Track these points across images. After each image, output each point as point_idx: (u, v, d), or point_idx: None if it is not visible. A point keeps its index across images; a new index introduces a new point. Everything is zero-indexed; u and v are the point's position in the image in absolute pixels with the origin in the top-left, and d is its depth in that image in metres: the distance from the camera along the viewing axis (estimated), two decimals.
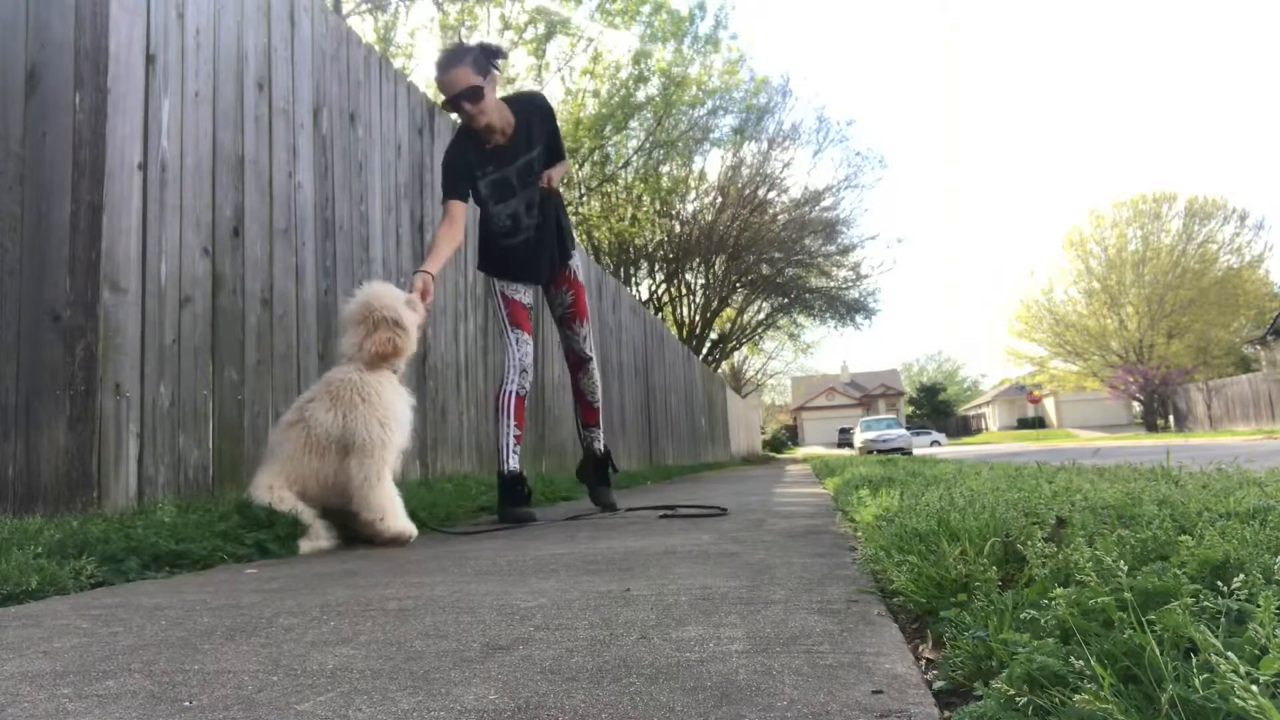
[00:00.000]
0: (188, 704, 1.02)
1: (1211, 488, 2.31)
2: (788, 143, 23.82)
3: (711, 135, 22.17)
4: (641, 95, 19.68)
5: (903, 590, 1.41)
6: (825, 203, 25.16)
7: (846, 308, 28.02)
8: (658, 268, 24.51)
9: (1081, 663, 0.82)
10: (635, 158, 20.79)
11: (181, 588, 2.03)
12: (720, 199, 23.68)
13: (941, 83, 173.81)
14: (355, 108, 4.44)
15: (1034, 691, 0.82)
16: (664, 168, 21.93)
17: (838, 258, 26.72)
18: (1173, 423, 39.10)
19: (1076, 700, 0.76)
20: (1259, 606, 0.82)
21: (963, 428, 68.83)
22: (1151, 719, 0.75)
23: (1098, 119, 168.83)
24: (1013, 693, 0.82)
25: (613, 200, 21.61)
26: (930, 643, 1.20)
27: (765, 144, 23.59)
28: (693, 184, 23.69)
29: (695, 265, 24.78)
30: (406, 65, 17.52)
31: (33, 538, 2.19)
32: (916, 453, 23.62)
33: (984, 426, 67.44)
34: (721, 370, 32.04)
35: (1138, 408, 44.71)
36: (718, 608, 1.47)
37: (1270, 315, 35.02)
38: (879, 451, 23.52)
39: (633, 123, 20.07)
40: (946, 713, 0.89)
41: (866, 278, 27.70)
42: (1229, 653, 0.73)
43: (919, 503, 2.37)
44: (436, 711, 0.95)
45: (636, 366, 11.69)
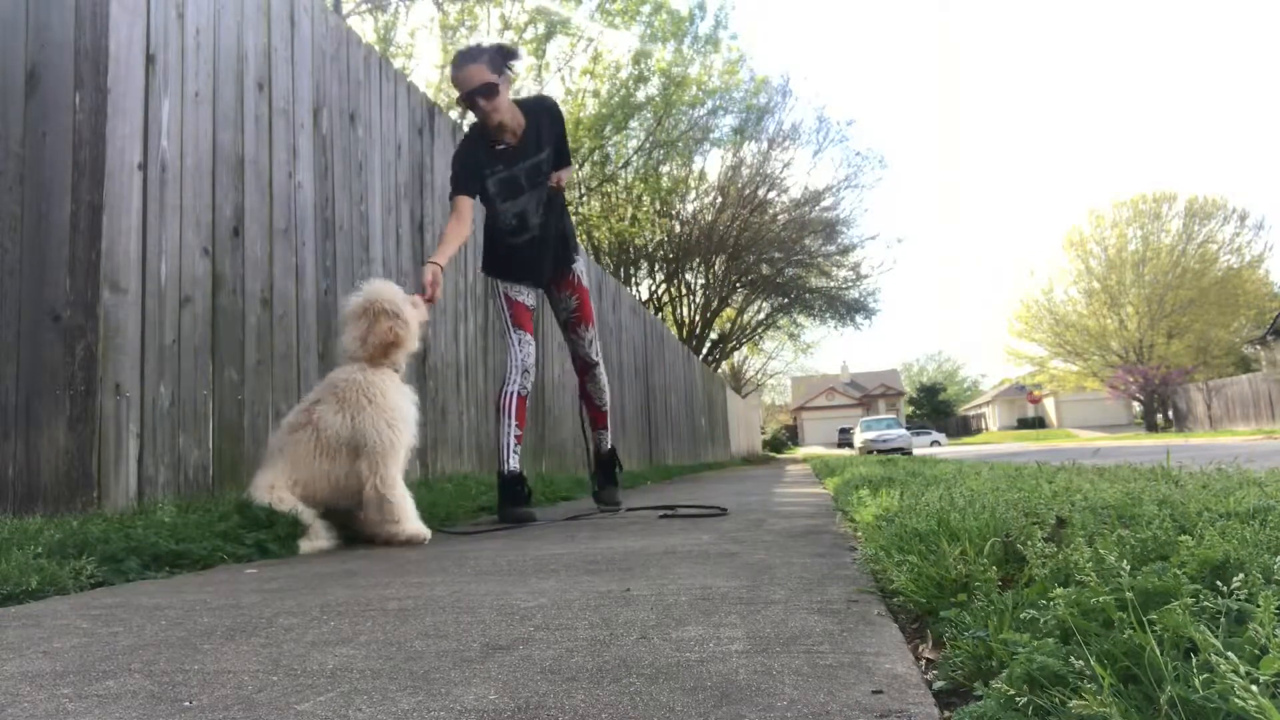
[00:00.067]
0: (188, 704, 1.02)
1: (1211, 488, 2.31)
2: (788, 143, 23.85)
3: (711, 135, 22.18)
4: (641, 95, 19.68)
5: (903, 590, 1.41)
6: (825, 203, 25.19)
7: (846, 308, 28.03)
8: (658, 268, 24.51)
9: (1081, 663, 0.82)
10: (635, 158, 20.79)
11: (181, 588, 2.03)
12: (720, 199, 23.68)
13: (941, 83, 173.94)
14: (355, 108, 4.44)
15: (1034, 691, 0.82)
16: (664, 168, 21.93)
17: (838, 258, 26.73)
18: (1172, 421, 39.09)
19: (1076, 701, 0.76)
20: (1259, 606, 0.82)
21: (963, 428, 68.80)
22: (1151, 719, 0.75)
23: (1098, 119, 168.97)
24: (1013, 693, 0.82)
25: (613, 200, 21.60)
26: (930, 643, 1.20)
27: (765, 144, 23.62)
28: (693, 184, 23.70)
29: (695, 265, 24.78)
30: (406, 65, 17.52)
31: (33, 538, 2.19)
32: (916, 453, 23.62)
33: (984, 426, 67.42)
34: (721, 370, 32.03)
35: (1137, 408, 44.69)
36: (718, 608, 1.47)
37: (1270, 315, 35.01)
38: (879, 451, 23.52)
39: (633, 123, 20.07)
40: (946, 713, 0.89)
41: (866, 278, 27.74)
42: (1229, 653, 0.73)
43: (919, 503, 2.37)
44: (436, 711, 0.95)
45: (636, 366, 11.69)
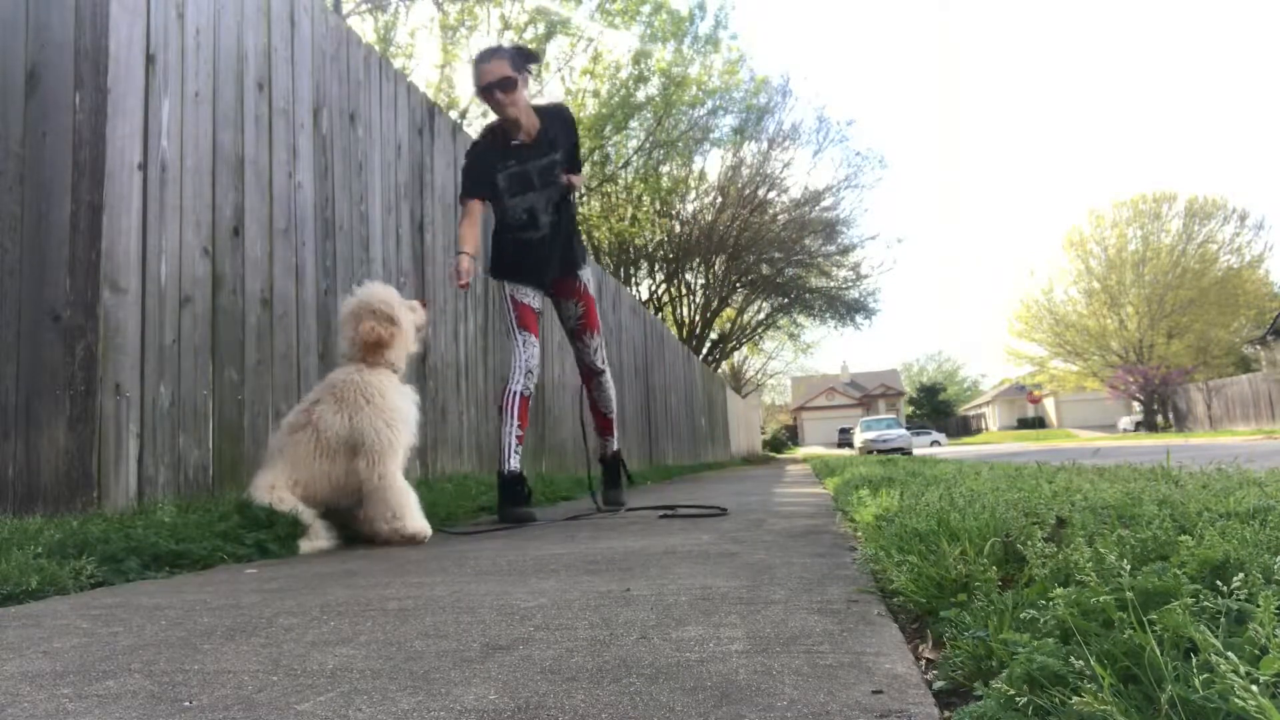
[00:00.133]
0: (188, 704, 1.02)
1: (1211, 488, 2.31)
2: (788, 143, 23.85)
3: (711, 135, 22.17)
4: (641, 95, 19.67)
5: (903, 590, 1.41)
6: (825, 203, 25.19)
7: (846, 308, 28.02)
8: (658, 268, 24.50)
9: (1081, 663, 0.82)
10: (635, 158, 20.78)
11: (181, 588, 2.03)
12: (720, 199, 23.67)
13: (941, 83, 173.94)
14: (355, 108, 4.44)
15: (1034, 691, 0.82)
16: (664, 168, 21.92)
17: (838, 258, 26.73)
18: (1172, 421, 39.08)
19: (1076, 701, 0.76)
20: (1259, 606, 0.82)
21: (963, 428, 68.79)
22: (1151, 719, 0.75)
23: (1098, 119, 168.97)
24: (1013, 693, 0.82)
25: (613, 200, 21.59)
26: (930, 643, 1.20)
27: (765, 144, 23.62)
28: (693, 184, 23.69)
29: (695, 265, 24.77)
30: (406, 65, 17.51)
31: (33, 538, 2.19)
32: (916, 453, 23.61)
33: (984, 426, 67.41)
34: (721, 370, 32.02)
35: (1137, 407, 44.72)
36: (718, 608, 1.47)
37: (1270, 315, 35.01)
38: (879, 451, 23.52)
39: (633, 123, 20.06)
40: (946, 713, 0.89)
41: (866, 278, 27.74)
42: (1229, 653, 0.73)
43: (919, 503, 2.37)
44: (436, 711, 0.95)
45: (636, 366, 11.69)
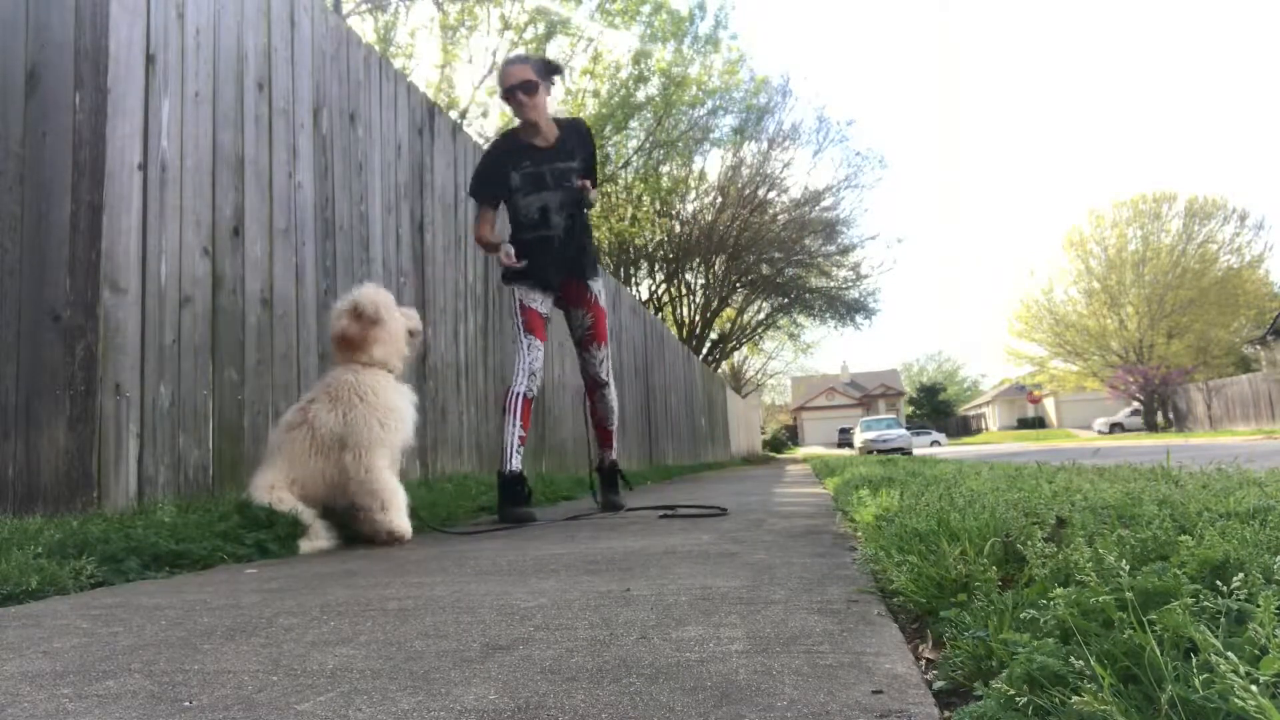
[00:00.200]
0: (188, 704, 1.02)
1: (1211, 488, 2.31)
2: (788, 143, 23.86)
3: (711, 135, 22.19)
4: (641, 95, 19.69)
5: (903, 590, 1.41)
6: (825, 203, 25.19)
7: (846, 308, 28.02)
8: (658, 268, 24.51)
9: (1081, 663, 0.82)
10: (635, 158, 20.79)
11: (181, 588, 2.03)
12: (720, 199, 23.67)
13: (941, 83, 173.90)
14: (355, 108, 4.44)
15: (1034, 691, 0.82)
16: (664, 168, 21.94)
17: (838, 258, 26.73)
18: (1173, 421, 39.08)
19: (1076, 701, 0.76)
20: (1259, 606, 0.82)
21: (963, 428, 68.77)
22: (1151, 719, 0.75)
23: (1098, 119, 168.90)
24: (1013, 693, 0.82)
25: (613, 200, 21.58)
26: (930, 643, 1.20)
27: (765, 144, 23.62)
28: (693, 184, 23.70)
29: (695, 265, 24.78)
30: (406, 65, 17.51)
31: (33, 538, 2.19)
32: (916, 453, 23.61)
33: (984, 426, 67.40)
34: (721, 370, 32.02)
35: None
36: (718, 608, 1.47)
37: (1270, 315, 34.99)
38: (879, 451, 23.51)
39: (633, 123, 20.08)
40: (946, 713, 0.89)
41: (866, 278, 27.73)
42: (1229, 653, 0.73)
43: (919, 503, 2.37)
44: (436, 711, 0.95)
45: (636, 366, 11.69)
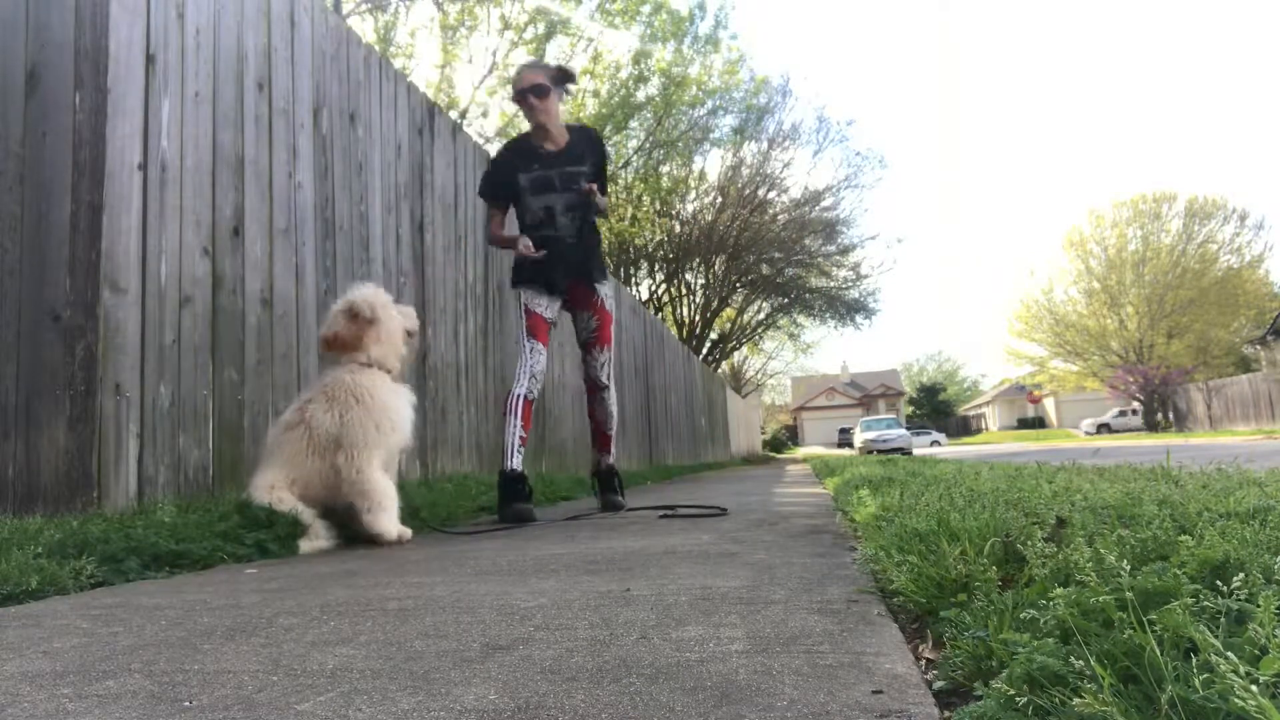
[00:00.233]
0: (188, 704, 1.02)
1: (1211, 488, 2.31)
2: (788, 143, 23.85)
3: (711, 135, 22.19)
4: (641, 95, 19.69)
5: (903, 590, 1.41)
6: (825, 203, 25.18)
7: (846, 308, 28.01)
8: (658, 268, 24.50)
9: (1081, 663, 0.82)
10: (635, 158, 20.78)
11: (181, 588, 2.03)
12: (720, 199, 23.66)
13: (941, 83, 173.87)
14: (355, 108, 4.44)
15: (1034, 691, 0.82)
16: (664, 168, 21.93)
17: (838, 258, 26.72)
18: (1173, 421, 39.07)
19: (1076, 701, 0.76)
20: (1259, 606, 0.82)
21: (963, 428, 68.76)
22: (1151, 719, 0.75)
23: (1098, 119, 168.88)
24: (1013, 693, 0.82)
25: (612, 200, 21.59)
26: (930, 643, 1.20)
27: (765, 144, 23.61)
28: (693, 184, 23.69)
29: (695, 265, 24.77)
30: (406, 65, 17.51)
31: (33, 538, 2.19)
32: (916, 453, 23.61)
33: (984, 426, 67.39)
34: (721, 370, 32.01)
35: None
36: (718, 608, 1.47)
37: (1270, 315, 34.99)
38: (879, 451, 23.50)
39: (633, 123, 20.08)
40: (946, 713, 0.89)
41: (866, 278, 27.72)
42: (1229, 653, 0.73)
43: (919, 503, 2.37)
44: (436, 711, 0.95)
45: (636, 366, 11.69)
